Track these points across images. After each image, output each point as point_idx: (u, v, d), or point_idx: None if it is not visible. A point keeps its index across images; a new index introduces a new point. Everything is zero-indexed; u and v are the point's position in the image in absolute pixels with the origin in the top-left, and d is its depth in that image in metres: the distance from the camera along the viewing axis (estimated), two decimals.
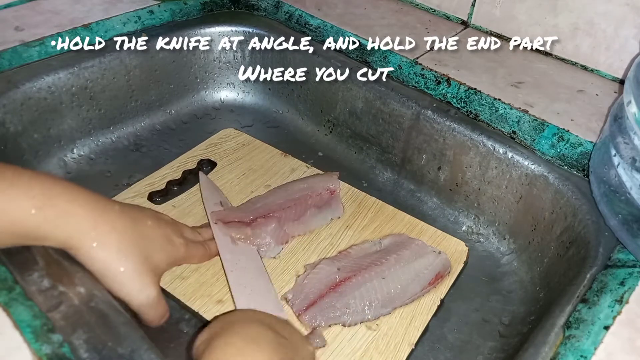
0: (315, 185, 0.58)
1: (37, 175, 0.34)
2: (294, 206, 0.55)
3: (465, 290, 0.54)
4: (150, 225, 0.40)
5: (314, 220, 0.56)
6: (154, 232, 0.40)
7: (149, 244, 0.39)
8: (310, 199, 0.57)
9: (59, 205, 0.34)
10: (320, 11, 0.72)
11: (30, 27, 0.62)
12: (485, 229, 0.60)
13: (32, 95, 0.58)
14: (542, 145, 0.54)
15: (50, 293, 0.35)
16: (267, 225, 0.52)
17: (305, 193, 0.57)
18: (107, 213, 0.36)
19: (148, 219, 0.41)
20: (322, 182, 0.58)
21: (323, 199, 0.57)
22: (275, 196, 0.56)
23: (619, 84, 0.62)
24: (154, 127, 0.70)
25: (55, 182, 0.35)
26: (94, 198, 0.36)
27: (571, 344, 0.37)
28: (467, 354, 0.49)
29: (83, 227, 0.35)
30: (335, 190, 0.58)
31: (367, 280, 0.48)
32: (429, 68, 0.62)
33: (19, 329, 0.32)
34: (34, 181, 0.33)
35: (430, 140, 0.60)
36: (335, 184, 0.59)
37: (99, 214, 0.36)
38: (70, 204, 0.34)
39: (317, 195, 0.57)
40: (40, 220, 0.33)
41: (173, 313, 0.49)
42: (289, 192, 0.57)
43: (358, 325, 0.47)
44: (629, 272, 0.42)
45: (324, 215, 0.57)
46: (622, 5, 0.58)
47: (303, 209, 0.56)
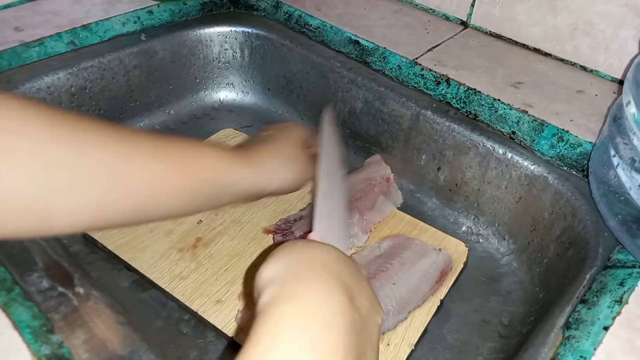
0: (372, 174, 0.60)
1: (238, 150, 0.43)
2: (364, 196, 0.56)
3: (464, 290, 0.54)
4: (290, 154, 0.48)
5: (385, 206, 0.57)
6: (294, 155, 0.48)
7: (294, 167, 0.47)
8: (375, 187, 0.58)
9: (261, 166, 0.43)
10: (320, 11, 0.72)
11: (29, 28, 0.62)
12: (484, 229, 0.60)
13: (32, 96, 0.58)
14: (541, 145, 0.54)
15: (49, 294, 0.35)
16: (352, 217, 0.53)
17: (368, 182, 0.58)
18: (268, 163, 0.45)
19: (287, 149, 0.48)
20: (377, 171, 0.60)
21: (383, 186, 0.59)
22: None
23: (618, 84, 0.62)
24: (153, 128, 0.70)
25: (240, 151, 0.44)
26: (250, 152, 0.45)
27: (571, 344, 0.37)
28: (467, 355, 0.49)
29: (269, 177, 0.44)
30: (389, 177, 0.60)
31: (379, 290, 0.47)
32: (429, 68, 0.62)
33: (18, 330, 0.32)
34: (247, 156, 0.43)
35: (429, 140, 0.60)
36: (387, 171, 0.61)
37: (266, 166, 0.44)
38: (264, 163, 0.44)
39: (378, 184, 0.59)
40: (258, 179, 0.43)
41: (172, 313, 0.49)
42: (351, 184, 0.58)
43: None
44: (629, 272, 0.42)
45: (391, 201, 0.59)
46: (621, 5, 0.58)
47: (374, 197, 0.57)
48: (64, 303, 0.35)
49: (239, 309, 0.47)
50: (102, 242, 0.52)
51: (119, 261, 0.51)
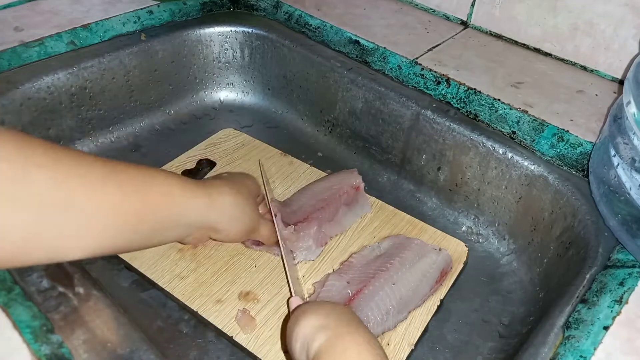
0: (339, 183, 0.58)
1: (197, 181, 0.43)
2: (326, 207, 0.55)
3: (464, 290, 0.54)
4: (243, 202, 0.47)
5: (346, 218, 0.56)
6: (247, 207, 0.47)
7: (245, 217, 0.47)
8: (340, 197, 0.56)
9: (215, 198, 0.43)
10: (320, 11, 0.72)
11: (29, 28, 0.62)
12: (485, 229, 0.60)
13: (32, 96, 0.58)
14: (541, 145, 0.54)
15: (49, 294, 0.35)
16: (309, 229, 0.52)
17: (333, 192, 0.57)
18: (222, 196, 0.44)
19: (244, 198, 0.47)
20: (345, 180, 0.58)
21: (350, 196, 0.57)
22: (305, 198, 0.56)
23: (618, 84, 0.62)
24: (153, 128, 0.70)
25: (203, 183, 0.44)
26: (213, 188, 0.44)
27: (571, 344, 0.37)
28: (467, 355, 0.49)
29: (221, 211, 0.44)
30: (359, 186, 0.58)
31: (379, 289, 0.47)
32: (429, 68, 0.62)
33: (18, 330, 0.32)
34: (200, 186, 0.42)
35: (429, 140, 0.60)
36: (358, 180, 0.58)
37: (220, 199, 0.44)
38: (218, 195, 0.43)
39: (344, 193, 0.57)
40: (209, 211, 0.42)
41: (172, 313, 0.49)
42: (316, 192, 0.57)
43: None
44: (629, 272, 0.42)
45: (355, 212, 0.57)
46: (621, 5, 0.58)
47: (335, 209, 0.55)
48: (64, 303, 0.35)
49: (239, 309, 0.47)
50: None
51: (119, 261, 0.51)
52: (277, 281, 0.50)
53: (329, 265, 0.52)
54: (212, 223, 0.43)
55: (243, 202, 0.46)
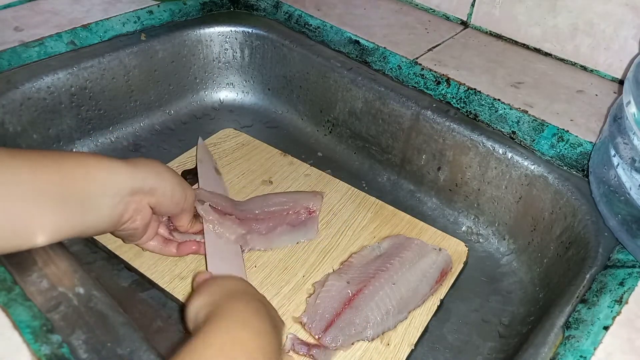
0: (296, 202, 0.56)
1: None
2: (266, 220, 0.54)
3: (464, 290, 0.54)
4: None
5: (280, 239, 0.53)
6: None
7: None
8: (286, 216, 0.55)
9: (136, 162, 0.43)
10: (320, 11, 0.72)
11: (29, 28, 0.62)
12: (485, 229, 0.60)
13: (32, 96, 0.58)
14: (541, 145, 0.54)
15: (49, 293, 0.35)
16: (236, 227, 0.51)
17: (283, 208, 0.55)
18: (145, 160, 0.45)
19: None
20: (303, 200, 0.56)
21: (299, 218, 0.55)
22: (254, 204, 0.55)
23: (618, 84, 0.62)
24: (153, 128, 0.70)
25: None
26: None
27: (571, 344, 0.37)
28: (467, 355, 0.49)
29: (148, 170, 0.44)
30: (314, 211, 0.56)
31: (379, 289, 0.47)
32: (429, 68, 0.62)
33: (18, 330, 0.32)
34: (119, 158, 0.42)
35: (429, 140, 0.60)
36: (317, 205, 0.56)
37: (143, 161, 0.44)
38: (140, 160, 0.44)
39: (294, 213, 0.55)
40: (134, 172, 0.42)
41: (172, 313, 0.49)
42: (268, 203, 0.55)
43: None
44: (629, 272, 0.42)
45: (294, 235, 0.54)
46: (621, 5, 0.58)
47: (274, 225, 0.54)
48: (64, 303, 0.34)
49: None
50: (102, 242, 0.52)
51: (119, 261, 0.51)
52: (277, 281, 0.50)
53: (329, 265, 0.52)
54: (142, 184, 0.42)
55: (169, 169, 0.46)
